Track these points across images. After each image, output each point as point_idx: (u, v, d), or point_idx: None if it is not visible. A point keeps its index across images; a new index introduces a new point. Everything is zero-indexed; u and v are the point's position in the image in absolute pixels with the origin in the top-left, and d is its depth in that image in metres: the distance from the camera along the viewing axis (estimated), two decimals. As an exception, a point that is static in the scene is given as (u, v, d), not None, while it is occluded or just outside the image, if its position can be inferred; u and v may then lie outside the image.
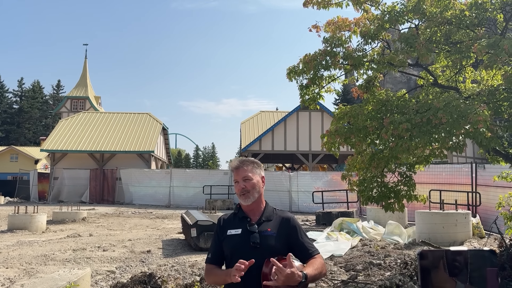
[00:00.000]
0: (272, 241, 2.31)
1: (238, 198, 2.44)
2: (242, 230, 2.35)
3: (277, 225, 2.39)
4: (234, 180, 2.46)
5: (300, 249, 2.37)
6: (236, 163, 2.46)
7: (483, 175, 12.59)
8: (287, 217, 2.45)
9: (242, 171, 2.42)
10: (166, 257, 8.49)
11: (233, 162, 2.49)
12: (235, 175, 2.45)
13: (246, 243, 2.30)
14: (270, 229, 2.35)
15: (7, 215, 13.69)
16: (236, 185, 2.44)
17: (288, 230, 2.39)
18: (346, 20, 6.36)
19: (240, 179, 2.41)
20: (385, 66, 6.11)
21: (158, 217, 17.50)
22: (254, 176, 2.43)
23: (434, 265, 1.10)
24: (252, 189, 2.40)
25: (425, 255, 1.12)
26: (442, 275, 1.09)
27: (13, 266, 7.52)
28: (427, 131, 5.24)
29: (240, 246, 2.31)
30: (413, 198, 6.18)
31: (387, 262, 7.23)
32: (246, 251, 2.27)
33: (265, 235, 2.32)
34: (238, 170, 2.43)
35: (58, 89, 73.56)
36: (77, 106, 51.82)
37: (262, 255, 2.23)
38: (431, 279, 1.09)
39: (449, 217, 9.72)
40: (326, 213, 14.37)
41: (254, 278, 2.21)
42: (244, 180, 2.40)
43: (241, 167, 2.43)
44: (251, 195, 2.39)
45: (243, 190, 2.39)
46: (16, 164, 47.84)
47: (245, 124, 33.48)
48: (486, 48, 5.05)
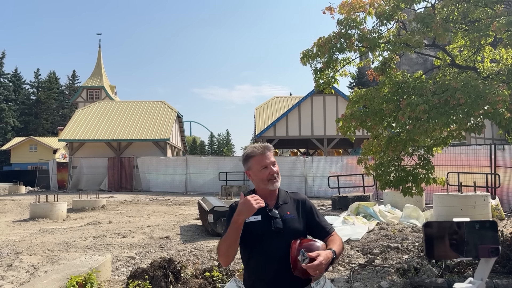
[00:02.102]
0: (294, 224, 2.33)
1: (264, 184, 2.39)
2: (262, 216, 2.31)
3: (294, 207, 2.40)
4: (261, 165, 2.39)
5: (318, 229, 2.40)
6: (262, 149, 2.43)
7: (503, 156, 12.38)
8: (302, 199, 2.48)
9: (270, 155, 2.42)
10: (185, 243, 8.61)
11: (257, 148, 2.44)
12: (262, 160, 2.40)
13: (269, 229, 2.29)
14: (289, 212, 2.36)
15: (29, 204, 14.02)
16: (263, 170, 2.38)
17: (306, 211, 2.42)
18: (360, 1, 6.23)
19: (270, 164, 2.39)
20: (401, 47, 6.00)
21: (176, 203, 17.70)
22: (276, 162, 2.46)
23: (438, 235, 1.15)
24: (279, 173, 2.43)
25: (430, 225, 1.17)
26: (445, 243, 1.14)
27: (36, 253, 7.72)
28: (445, 112, 5.15)
29: (263, 232, 2.29)
30: (432, 181, 6.11)
31: (405, 246, 7.20)
32: (270, 236, 2.27)
33: (286, 218, 2.33)
34: (265, 156, 2.41)
35: (74, 79, 74.33)
36: (92, 95, 52.35)
37: (286, 239, 2.25)
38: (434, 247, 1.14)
39: (468, 199, 9.61)
40: (342, 197, 14.34)
41: (283, 262, 2.22)
42: (273, 165, 2.40)
43: (267, 152, 2.42)
44: (279, 179, 2.41)
45: (274, 174, 2.39)
46: (36, 154, 48.88)
47: (259, 110, 33.40)
48: (505, 26, 4.91)
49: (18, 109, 63.56)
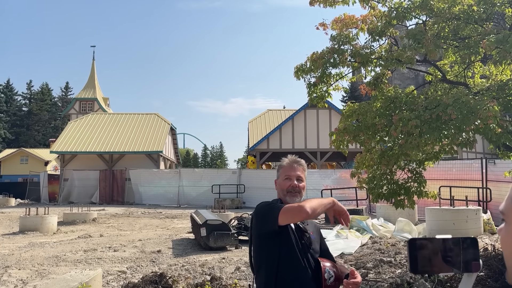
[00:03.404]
0: (315, 245, 2.32)
1: (284, 194, 2.32)
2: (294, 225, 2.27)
3: (313, 229, 2.40)
4: (285, 175, 2.35)
5: (326, 253, 2.40)
6: (292, 160, 2.41)
7: (494, 170, 12.48)
8: (317, 223, 2.52)
9: (299, 169, 2.37)
10: (177, 257, 8.53)
11: (289, 158, 2.42)
12: (288, 170, 2.36)
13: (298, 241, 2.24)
14: (312, 232, 2.35)
15: (19, 216, 13.83)
16: (285, 181, 2.33)
17: (320, 236, 2.44)
18: (353, 17, 6.33)
19: (294, 176, 2.34)
20: (393, 62, 6.08)
21: (168, 216, 17.57)
22: (304, 180, 2.39)
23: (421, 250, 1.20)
24: (302, 190, 2.35)
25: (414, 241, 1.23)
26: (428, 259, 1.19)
27: (26, 267, 7.61)
28: (437, 127, 5.21)
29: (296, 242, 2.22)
30: (424, 194, 6.14)
31: (398, 260, 7.20)
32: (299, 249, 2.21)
33: (311, 237, 2.32)
34: (294, 168, 2.37)
35: (67, 91, 74.04)
36: (85, 107, 52.11)
37: (312, 256, 2.24)
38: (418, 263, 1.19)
39: (460, 214, 9.65)
40: (335, 211, 14.29)
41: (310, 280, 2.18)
42: (298, 179, 2.35)
43: (299, 166, 2.39)
44: (300, 196, 2.33)
45: (295, 188, 2.31)
46: (26, 166, 48.35)
47: (253, 123, 33.48)
48: (494, 43, 5.01)
49: (9, 121, 63.11)
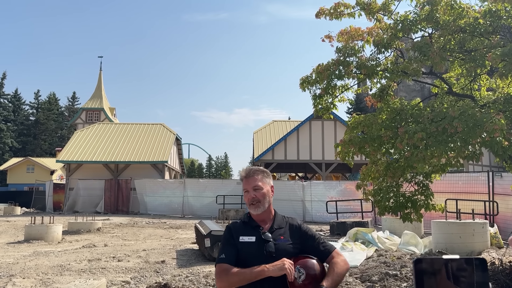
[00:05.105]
0: (286, 248, 2.32)
1: (248, 207, 2.43)
2: (256, 238, 2.34)
3: (289, 232, 2.40)
4: (244, 189, 2.44)
5: (316, 253, 2.38)
6: (246, 172, 2.45)
7: (501, 183, 12.38)
8: (297, 224, 2.48)
9: (252, 180, 2.41)
10: (181, 268, 8.49)
11: (243, 171, 2.47)
12: (245, 184, 2.43)
13: (261, 252, 2.30)
14: (283, 236, 2.36)
15: (24, 225, 13.87)
16: (246, 194, 2.42)
17: (301, 236, 2.41)
18: (359, 29, 6.36)
19: (250, 188, 2.40)
20: (399, 75, 6.08)
21: (172, 227, 17.54)
22: (264, 186, 2.42)
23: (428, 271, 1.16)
24: (263, 198, 2.39)
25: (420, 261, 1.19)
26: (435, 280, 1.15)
27: (30, 276, 7.60)
28: (443, 140, 5.19)
29: (255, 254, 2.30)
30: (431, 207, 6.10)
31: (403, 273, 7.12)
32: (262, 259, 2.27)
33: (279, 242, 2.33)
34: (248, 180, 2.42)
35: (74, 101, 74.63)
36: (92, 117, 52.41)
37: None
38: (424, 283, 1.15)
39: (466, 227, 9.55)
40: (340, 223, 14.23)
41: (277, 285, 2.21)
42: (255, 190, 2.39)
43: (251, 176, 2.42)
44: (262, 204, 2.39)
45: (253, 199, 2.38)
46: (32, 175, 48.65)
47: (258, 133, 33.50)
48: (501, 56, 5.00)
49: (16, 130, 63.59)
